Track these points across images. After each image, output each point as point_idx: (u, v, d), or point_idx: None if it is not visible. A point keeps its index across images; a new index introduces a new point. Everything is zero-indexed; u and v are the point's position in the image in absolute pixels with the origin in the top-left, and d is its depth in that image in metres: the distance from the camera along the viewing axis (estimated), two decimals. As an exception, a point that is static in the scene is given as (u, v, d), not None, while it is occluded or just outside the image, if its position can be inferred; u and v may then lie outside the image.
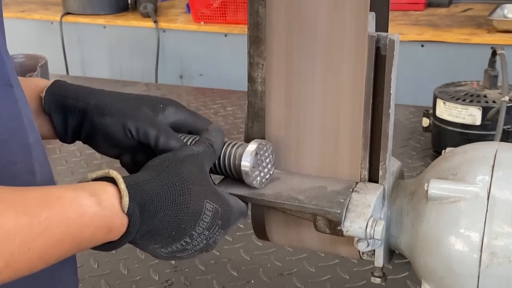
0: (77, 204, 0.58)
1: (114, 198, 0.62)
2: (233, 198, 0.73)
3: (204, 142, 0.73)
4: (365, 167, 0.75)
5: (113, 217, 0.61)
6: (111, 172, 0.63)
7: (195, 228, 0.68)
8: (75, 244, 0.59)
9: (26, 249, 0.54)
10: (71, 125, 0.78)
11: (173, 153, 0.70)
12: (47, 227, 0.55)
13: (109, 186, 0.62)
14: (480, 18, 2.76)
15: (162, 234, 0.67)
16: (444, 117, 1.51)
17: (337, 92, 0.74)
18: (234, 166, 0.75)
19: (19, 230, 0.53)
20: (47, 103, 0.77)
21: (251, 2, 0.75)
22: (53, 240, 0.56)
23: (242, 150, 0.74)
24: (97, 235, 0.61)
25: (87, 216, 0.59)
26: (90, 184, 0.63)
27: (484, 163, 0.72)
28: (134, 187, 0.63)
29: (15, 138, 0.62)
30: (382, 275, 0.80)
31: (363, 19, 0.71)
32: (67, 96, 0.78)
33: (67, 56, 3.24)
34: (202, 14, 3.00)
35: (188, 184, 0.67)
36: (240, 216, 0.74)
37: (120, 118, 0.75)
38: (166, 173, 0.67)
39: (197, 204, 0.67)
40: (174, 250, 0.69)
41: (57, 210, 0.56)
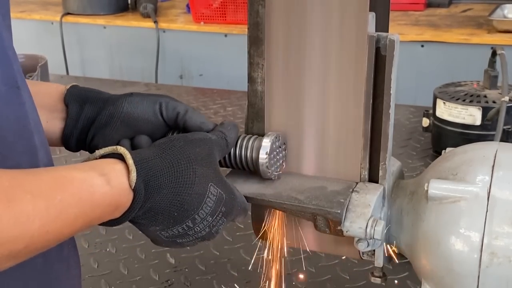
0: (88, 184, 0.60)
1: (122, 176, 0.63)
2: (238, 191, 0.73)
3: (218, 133, 0.74)
4: (365, 167, 0.75)
5: (121, 194, 0.63)
6: (119, 149, 0.65)
7: (198, 211, 0.68)
8: (87, 223, 0.60)
9: (44, 232, 0.55)
10: (85, 114, 0.79)
11: (184, 135, 0.72)
12: (62, 209, 0.56)
13: (117, 163, 0.64)
14: (480, 18, 2.76)
15: (164, 213, 0.67)
16: (444, 117, 1.51)
17: (337, 92, 0.74)
18: (251, 159, 0.76)
19: (38, 213, 0.54)
20: (69, 94, 0.79)
21: (251, 2, 0.75)
22: (68, 221, 0.58)
23: (259, 143, 0.75)
24: (105, 213, 0.62)
25: (97, 196, 0.60)
26: (98, 162, 0.64)
27: (484, 163, 0.72)
28: (140, 163, 0.64)
29: (21, 140, 0.62)
30: (382, 275, 0.80)
31: (363, 19, 0.71)
32: (91, 89, 0.81)
33: (67, 56, 3.24)
34: (202, 14, 2.99)
35: (193, 164, 0.68)
36: (242, 210, 0.74)
37: (150, 97, 0.79)
38: (172, 151, 0.68)
39: (201, 186, 0.68)
40: (175, 234, 0.69)
41: (70, 192, 0.58)
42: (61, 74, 2.90)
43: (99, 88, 0.83)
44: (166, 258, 1.19)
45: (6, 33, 0.63)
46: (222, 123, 0.77)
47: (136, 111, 0.78)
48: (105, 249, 1.24)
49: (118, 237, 1.27)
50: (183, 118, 0.77)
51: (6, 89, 0.60)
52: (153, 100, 0.78)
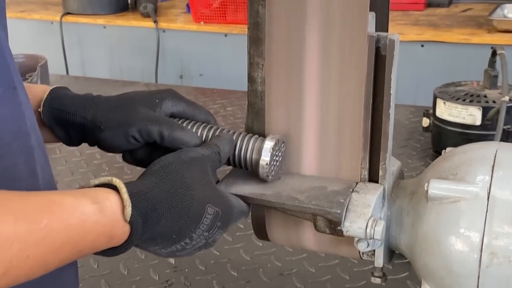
0: (78, 211, 0.58)
1: (116, 206, 0.61)
2: (235, 199, 0.73)
3: (211, 147, 0.73)
4: (365, 167, 0.75)
5: (114, 225, 0.61)
6: (114, 180, 0.63)
7: (195, 231, 0.68)
8: (76, 251, 0.58)
9: (25, 257, 0.53)
10: (74, 136, 0.79)
11: (175, 155, 0.70)
12: (47, 234, 0.54)
13: (112, 194, 0.62)
14: (480, 18, 2.76)
15: (163, 238, 0.67)
16: (444, 117, 1.51)
17: (337, 92, 0.74)
18: (251, 160, 0.75)
19: (18, 237, 0.52)
20: (45, 117, 0.78)
21: (251, 2, 0.75)
22: (54, 247, 0.55)
23: (260, 145, 0.75)
24: (98, 242, 0.60)
25: (88, 223, 0.58)
26: (92, 190, 0.62)
27: (484, 163, 0.72)
28: (137, 195, 0.62)
29: (17, 141, 0.62)
30: (382, 275, 0.80)
31: (363, 19, 0.70)
32: (64, 110, 0.77)
33: (67, 56, 3.24)
34: (202, 14, 2.99)
35: (190, 190, 0.67)
36: (241, 215, 0.74)
37: (120, 128, 0.75)
38: (168, 179, 0.66)
39: (199, 209, 0.67)
40: (174, 250, 0.70)
41: (58, 217, 0.56)
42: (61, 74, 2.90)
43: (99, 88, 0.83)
44: (166, 258, 1.19)
45: (2, 33, 0.63)
46: (218, 135, 0.76)
47: (113, 144, 0.77)
48: (105, 249, 1.24)
49: (118, 237, 1.27)
50: (163, 144, 0.75)
51: (2, 90, 0.60)
52: (123, 132, 0.75)
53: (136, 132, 0.75)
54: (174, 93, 0.80)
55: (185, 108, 0.80)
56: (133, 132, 0.75)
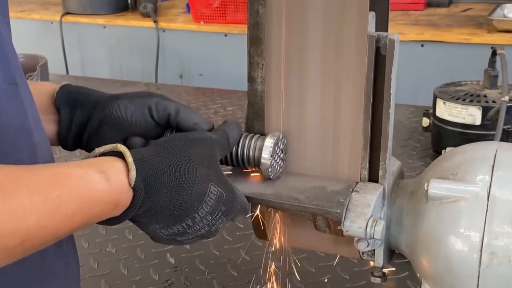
0: (86, 181, 0.59)
1: (121, 174, 0.63)
2: (238, 190, 0.73)
3: (220, 132, 0.74)
4: (365, 167, 0.75)
5: (120, 192, 0.62)
6: (119, 147, 0.64)
7: (198, 211, 0.68)
8: (85, 220, 0.60)
9: (41, 227, 0.55)
10: (77, 119, 0.79)
11: (184, 134, 0.71)
12: (59, 205, 0.56)
13: (117, 161, 0.63)
14: (480, 18, 2.76)
15: (164, 212, 0.67)
16: (444, 117, 1.51)
17: (337, 92, 0.74)
18: (254, 158, 0.76)
19: (34, 208, 0.54)
20: (59, 97, 0.79)
21: (251, 2, 0.75)
22: (66, 216, 0.57)
23: (261, 143, 0.75)
24: (104, 211, 0.62)
25: (96, 193, 0.60)
26: (98, 160, 0.64)
27: (484, 163, 0.72)
28: (141, 161, 0.64)
29: (20, 137, 0.62)
30: (382, 275, 0.80)
31: (363, 19, 0.70)
32: (80, 91, 0.80)
33: (67, 56, 3.24)
34: (202, 14, 2.99)
35: (194, 164, 0.67)
36: (242, 210, 0.74)
37: (138, 99, 0.78)
38: (172, 150, 0.67)
39: (201, 186, 0.67)
40: (175, 233, 0.69)
41: (68, 188, 0.57)
42: (61, 74, 2.90)
43: (99, 88, 0.83)
44: (166, 258, 1.19)
45: (5, 30, 0.63)
46: (225, 122, 0.77)
47: (125, 116, 0.77)
48: (105, 249, 1.24)
49: (118, 237, 1.27)
50: (175, 120, 0.76)
51: (5, 86, 0.60)
52: (141, 102, 0.77)
53: (154, 104, 0.77)
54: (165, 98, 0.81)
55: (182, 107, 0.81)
56: (151, 103, 0.77)
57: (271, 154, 0.75)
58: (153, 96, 0.78)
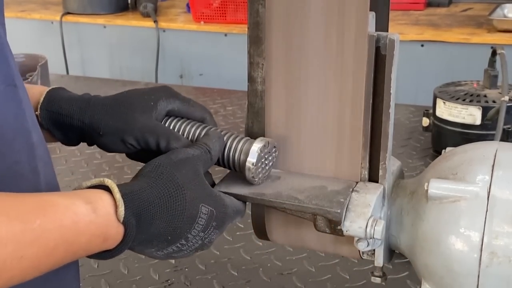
0: (71, 211, 0.58)
1: (109, 207, 0.61)
2: (229, 198, 0.73)
3: (201, 146, 0.73)
4: (365, 167, 0.75)
5: (108, 225, 0.61)
6: (106, 181, 0.63)
7: (190, 232, 0.68)
8: (70, 253, 0.58)
9: (18, 257, 0.53)
10: (72, 138, 0.80)
11: (167, 157, 0.70)
12: (40, 234, 0.54)
13: (105, 194, 0.62)
14: (480, 18, 2.76)
15: (158, 239, 0.67)
16: (444, 116, 1.51)
17: (337, 91, 0.74)
18: (239, 161, 0.75)
19: (12, 237, 0.52)
20: (44, 120, 0.79)
21: (251, 2, 0.75)
22: (47, 247, 0.55)
23: (248, 146, 0.75)
24: (92, 244, 0.60)
25: (82, 224, 0.58)
26: (85, 191, 0.62)
27: (484, 162, 0.72)
28: (130, 196, 0.63)
29: (19, 138, 0.62)
30: (382, 275, 0.80)
31: (363, 19, 0.71)
32: (61, 113, 0.78)
33: (67, 56, 3.24)
34: (202, 14, 3.00)
35: (183, 190, 0.67)
36: (236, 214, 0.74)
37: (117, 135, 0.77)
38: (161, 180, 0.66)
39: (192, 209, 0.67)
40: (170, 252, 0.70)
41: (51, 217, 0.56)
42: (61, 73, 2.90)
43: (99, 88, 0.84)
44: (166, 258, 1.19)
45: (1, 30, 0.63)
46: (207, 134, 0.76)
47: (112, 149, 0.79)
48: (105, 249, 1.24)
49: (118, 236, 1.27)
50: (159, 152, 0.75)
51: (3, 87, 0.60)
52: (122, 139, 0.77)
53: (133, 140, 0.76)
54: (169, 91, 0.81)
55: (179, 106, 0.80)
56: (131, 140, 0.76)
57: (256, 159, 0.74)
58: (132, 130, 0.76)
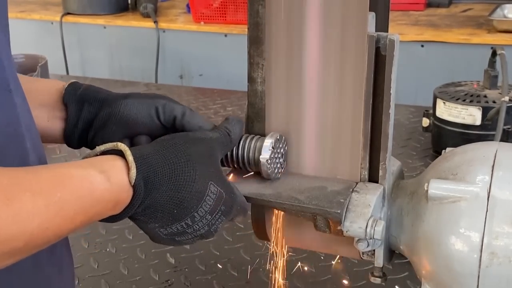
0: (87, 182, 0.60)
1: (122, 172, 0.63)
2: (237, 189, 0.73)
3: (221, 129, 0.74)
4: (365, 167, 0.75)
5: (120, 191, 0.63)
6: (119, 145, 0.65)
7: (197, 209, 0.68)
8: (87, 219, 0.61)
9: (44, 229, 0.55)
10: (84, 116, 0.79)
11: (185, 133, 0.72)
12: (62, 207, 0.57)
13: (117, 160, 0.64)
14: (480, 18, 2.76)
15: (163, 210, 0.67)
16: (444, 117, 1.51)
17: (337, 92, 0.74)
18: (253, 159, 0.76)
19: (37, 211, 0.54)
20: (67, 94, 0.79)
21: (251, 2, 0.75)
22: (68, 218, 0.58)
23: (260, 144, 0.75)
24: (105, 209, 0.63)
25: (97, 193, 0.61)
26: (98, 159, 0.64)
27: (484, 163, 0.72)
28: (140, 159, 0.64)
29: (11, 144, 0.62)
30: (382, 275, 0.80)
31: (363, 19, 0.71)
32: (88, 88, 0.80)
33: (67, 56, 3.24)
34: (202, 14, 2.99)
35: (193, 163, 0.68)
36: (242, 210, 0.74)
37: (146, 99, 0.78)
38: (172, 149, 0.68)
39: (201, 184, 0.68)
40: (174, 232, 0.69)
41: (70, 189, 0.58)
42: (61, 74, 2.90)
43: (99, 88, 0.83)
44: (166, 258, 1.19)
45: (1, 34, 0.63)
46: (227, 119, 0.77)
47: (132, 115, 0.77)
48: (105, 249, 1.24)
49: (118, 237, 1.27)
50: (181, 122, 0.76)
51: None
52: (149, 103, 0.77)
53: (161, 106, 0.77)
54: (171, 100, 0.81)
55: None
56: (159, 104, 0.77)
57: (270, 155, 0.75)
58: (161, 97, 0.79)
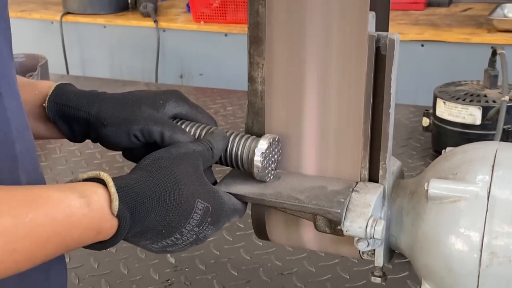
0: (64, 205, 0.58)
1: (103, 201, 0.61)
2: (227, 196, 0.73)
3: (203, 143, 0.73)
4: (365, 167, 0.75)
5: (102, 219, 0.61)
6: (102, 174, 0.63)
7: (185, 226, 0.68)
8: (63, 245, 0.59)
9: (11, 250, 0.53)
10: (77, 132, 0.79)
11: (166, 151, 0.70)
12: (33, 228, 0.54)
13: (99, 188, 0.62)
14: (480, 18, 2.76)
15: (152, 232, 0.67)
16: (444, 116, 1.51)
17: (337, 92, 0.74)
18: (247, 159, 0.75)
19: (4, 231, 0.52)
20: (50, 112, 0.78)
21: (251, 2, 0.75)
22: (39, 241, 0.56)
23: (255, 144, 0.75)
24: (85, 237, 0.60)
25: (75, 218, 0.58)
26: (79, 184, 0.62)
27: (484, 162, 0.72)
28: (125, 189, 0.63)
29: (1, 148, 0.60)
30: (382, 275, 0.80)
31: (363, 19, 0.71)
32: (69, 105, 0.78)
33: (67, 55, 3.24)
34: (202, 13, 3.00)
35: (180, 185, 0.67)
36: (233, 213, 0.74)
37: (123, 126, 0.76)
38: (157, 174, 0.66)
39: (188, 204, 0.67)
40: (165, 245, 0.70)
41: (43, 211, 0.56)
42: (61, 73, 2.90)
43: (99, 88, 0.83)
44: (166, 258, 1.19)
45: None
46: (212, 132, 0.76)
47: (115, 143, 0.77)
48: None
49: (118, 236, 1.27)
50: (163, 144, 0.74)
51: None
52: (126, 131, 0.75)
53: (138, 131, 0.75)
54: (179, 95, 0.81)
55: (187, 110, 0.80)
56: (135, 131, 0.75)
57: (264, 157, 0.74)
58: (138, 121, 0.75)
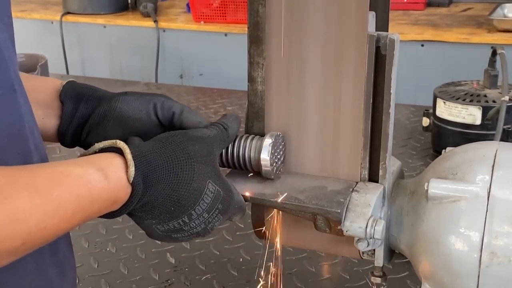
0: (85, 180, 0.60)
1: (120, 170, 0.63)
2: (235, 189, 0.73)
3: (218, 125, 0.74)
4: (365, 167, 0.75)
5: (119, 189, 0.63)
6: (118, 143, 0.65)
7: (194, 207, 0.68)
8: (85, 217, 0.61)
9: (42, 228, 0.55)
10: (80, 113, 0.78)
11: (183, 131, 0.72)
12: (59, 205, 0.57)
13: (115, 157, 0.64)
14: (480, 18, 2.76)
15: (161, 208, 0.67)
16: (444, 116, 1.51)
17: (337, 91, 0.74)
18: (254, 159, 0.76)
19: (35, 210, 0.54)
20: (64, 91, 0.79)
21: (251, 2, 0.75)
22: (66, 216, 0.58)
23: (260, 143, 0.75)
24: (103, 207, 0.63)
25: (95, 191, 0.60)
26: (96, 157, 0.64)
27: (484, 162, 0.72)
28: (139, 157, 0.65)
29: (15, 145, 0.62)
30: (382, 275, 0.80)
31: (363, 19, 0.71)
32: (86, 86, 0.80)
33: (67, 55, 3.24)
34: (202, 13, 2.99)
35: (192, 161, 0.68)
36: (239, 209, 0.74)
37: (145, 96, 0.78)
38: (171, 146, 0.68)
39: (199, 183, 0.68)
40: (171, 229, 0.69)
41: (67, 188, 0.58)
42: (61, 73, 2.90)
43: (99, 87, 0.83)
44: (166, 258, 1.19)
45: (3, 34, 0.62)
46: (224, 115, 0.77)
47: (129, 111, 0.77)
48: (105, 249, 1.24)
49: (118, 236, 1.27)
50: (179, 119, 0.76)
51: (2, 92, 0.60)
52: (147, 99, 0.77)
53: (160, 102, 0.77)
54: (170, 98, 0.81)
55: None
56: (157, 101, 0.77)
57: (270, 154, 0.75)
58: (159, 95, 0.79)
